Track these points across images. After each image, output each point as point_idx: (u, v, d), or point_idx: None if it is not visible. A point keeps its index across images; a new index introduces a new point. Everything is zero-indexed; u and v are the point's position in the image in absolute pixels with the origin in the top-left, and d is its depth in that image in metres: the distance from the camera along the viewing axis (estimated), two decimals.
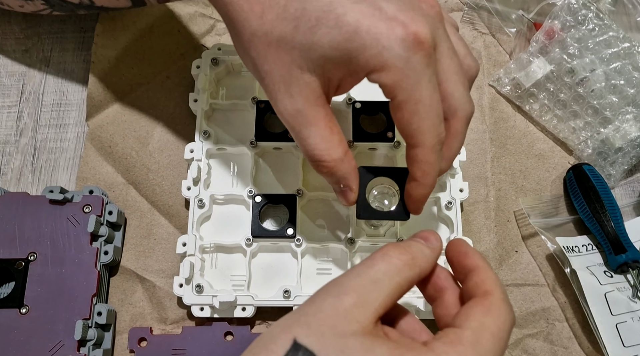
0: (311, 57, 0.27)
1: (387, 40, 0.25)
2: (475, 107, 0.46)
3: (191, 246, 0.39)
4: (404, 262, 0.24)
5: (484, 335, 0.23)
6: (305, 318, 0.23)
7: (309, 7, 0.26)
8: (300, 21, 0.26)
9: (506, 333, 0.24)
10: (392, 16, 0.25)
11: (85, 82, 0.47)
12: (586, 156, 0.45)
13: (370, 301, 0.23)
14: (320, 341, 0.22)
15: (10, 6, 0.44)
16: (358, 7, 0.25)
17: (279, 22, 0.27)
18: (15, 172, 0.45)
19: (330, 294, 0.23)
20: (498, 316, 0.24)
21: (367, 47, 0.25)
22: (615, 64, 0.44)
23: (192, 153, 0.41)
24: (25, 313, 0.38)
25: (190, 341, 0.39)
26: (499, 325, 0.23)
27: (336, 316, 0.22)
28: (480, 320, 0.23)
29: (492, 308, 0.24)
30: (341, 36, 0.26)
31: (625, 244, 0.40)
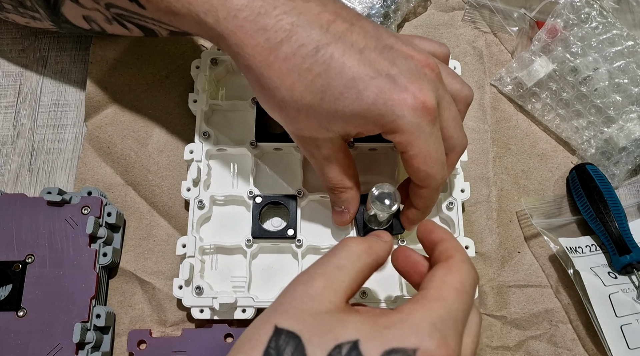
0: (336, 122, 0.32)
1: (401, 110, 0.30)
2: (476, 107, 0.47)
3: (191, 247, 0.39)
4: (362, 249, 0.28)
5: (447, 289, 0.26)
6: (282, 307, 0.26)
7: (333, 83, 0.30)
8: (326, 94, 0.30)
9: (469, 288, 0.27)
10: (403, 87, 0.30)
11: (83, 82, 0.47)
12: (589, 156, 0.44)
13: (338, 283, 0.26)
14: (299, 322, 0.24)
15: (16, 22, 0.44)
16: (375, 82, 0.30)
17: (307, 93, 0.31)
18: (12, 174, 0.45)
19: (301, 282, 0.27)
20: (459, 274, 0.27)
21: (384, 115, 0.30)
22: (619, 63, 0.44)
23: (191, 154, 0.41)
24: (22, 316, 0.37)
25: (190, 343, 0.38)
26: (461, 280, 0.27)
27: (309, 299, 0.25)
28: (442, 278, 0.27)
29: (453, 268, 0.27)
30: (361, 107, 0.30)
31: (630, 245, 0.40)
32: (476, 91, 0.47)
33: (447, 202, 0.40)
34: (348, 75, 0.30)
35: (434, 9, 0.50)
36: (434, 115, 0.30)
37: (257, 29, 0.31)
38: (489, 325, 0.41)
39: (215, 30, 0.32)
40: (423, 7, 0.50)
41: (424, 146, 0.31)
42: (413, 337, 0.24)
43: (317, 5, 0.31)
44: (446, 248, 0.29)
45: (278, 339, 0.24)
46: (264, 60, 0.31)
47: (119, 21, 0.37)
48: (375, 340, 0.24)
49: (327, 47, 0.30)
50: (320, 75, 0.30)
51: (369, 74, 0.30)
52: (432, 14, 0.50)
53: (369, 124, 0.31)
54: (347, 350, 0.23)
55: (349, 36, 0.31)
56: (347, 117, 0.31)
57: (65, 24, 0.40)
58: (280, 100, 0.32)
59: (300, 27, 0.30)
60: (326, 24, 0.31)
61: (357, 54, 0.30)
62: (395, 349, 0.23)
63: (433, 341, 0.24)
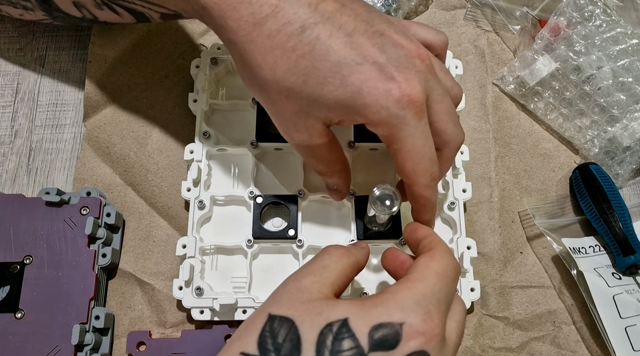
0: (317, 107, 0.30)
1: (385, 100, 0.29)
2: (478, 106, 0.46)
3: (191, 248, 0.38)
4: (342, 253, 0.30)
5: (429, 272, 0.27)
6: (274, 299, 0.27)
7: (318, 66, 0.29)
8: (309, 77, 0.29)
9: (451, 274, 0.28)
10: (390, 77, 0.29)
11: (82, 82, 0.47)
12: (593, 156, 0.44)
13: (324, 279, 0.28)
14: (291, 308, 0.26)
15: (10, 14, 0.43)
16: (361, 68, 0.29)
17: (289, 75, 0.30)
18: (10, 174, 0.44)
19: (291, 280, 0.28)
20: (441, 261, 0.28)
21: (368, 105, 0.29)
22: (623, 61, 0.44)
23: (192, 154, 0.41)
24: (20, 317, 0.37)
25: (190, 345, 0.38)
26: (443, 266, 0.28)
27: (299, 291, 0.27)
28: (425, 264, 0.28)
29: (435, 256, 0.29)
30: (345, 94, 0.29)
31: (634, 246, 0.40)
32: (478, 90, 0.47)
33: (449, 202, 0.40)
34: (333, 59, 0.29)
35: (436, 7, 0.50)
36: (420, 108, 0.29)
37: (242, 1, 0.30)
38: (492, 326, 0.40)
39: (199, 3, 0.31)
40: (424, 6, 0.50)
41: (408, 140, 0.30)
42: (399, 312, 0.25)
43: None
44: (429, 241, 0.31)
45: (272, 324, 0.26)
46: (247, 35, 0.30)
47: (109, 5, 0.36)
48: (364, 317, 0.25)
49: (314, 27, 0.29)
50: (305, 56, 0.29)
51: (355, 59, 0.29)
52: (434, 13, 0.50)
53: (351, 113, 0.30)
54: (338, 327, 0.25)
55: (338, 17, 0.30)
56: (329, 103, 0.30)
57: (57, 12, 0.39)
58: (262, 79, 0.31)
59: (288, 3, 0.29)
60: (315, 2, 0.30)
61: (345, 37, 0.29)
62: (383, 324, 0.25)
63: (418, 316, 0.25)
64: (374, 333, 0.25)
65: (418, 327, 0.25)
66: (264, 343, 0.25)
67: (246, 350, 0.25)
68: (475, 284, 0.39)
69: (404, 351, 0.25)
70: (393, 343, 0.25)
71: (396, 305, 0.26)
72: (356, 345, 0.25)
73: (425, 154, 0.31)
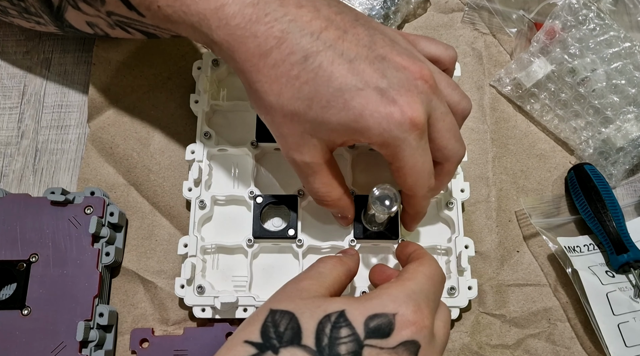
0: (321, 130, 0.32)
1: (387, 124, 0.30)
2: (476, 108, 0.47)
3: (192, 247, 0.39)
4: (335, 261, 0.32)
5: (418, 274, 0.30)
6: (274, 298, 0.29)
7: (321, 91, 0.30)
8: (313, 101, 0.31)
9: (437, 279, 0.30)
10: (392, 101, 0.30)
11: (86, 83, 0.47)
12: (587, 156, 0.44)
13: (321, 282, 0.30)
14: (292, 304, 0.28)
15: (22, 25, 0.44)
16: (363, 93, 0.30)
17: (294, 100, 0.31)
18: (16, 174, 0.45)
19: (290, 282, 0.31)
20: (429, 266, 0.31)
21: (370, 128, 0.30)
22: (617, 64, 0.44)
23: (193, 154, 0.41)
24: (27, 314, 0.38)
25: (192, 342, 0.39)
26: (431, 270, 0.30)
27: (299, 291, 0.29)
28: (414, 267, 0.30)
29: (423, 262, 0.31)
30: (348, 118, 0.30)
31: (627, 244, 0.40)
32: (475, 92, 0.48)
33: (447, 202, 0.41)
34: (335, 84, 0.30)
35: (434, 10, 0.50)
36: (422, 129, 0.30)
37: (248, 36, 0.31)
38: (489, 324, 0.41)
39: (209, 37, 0.32)
40: (422, 9, 0.50)
41: (410, 160, 0.31)
42: (392, 304, 0.27)
43: (309, 11, 0.31)
44: (417, 253, 0.33)
45: (274, 316, 0.27)
46: (254, 65, 0.31)
47: (121, 27, 0.38)
48: (359, 308, 0.27)
49: (316, 55, 0.30)
50: (308, 82, 0.30)
51: (357, 85, 0.30)
52: (432, 16, 0.50)
53: (355, 135, 0.31)
54: (335, 317, 0.27)
55: (340, 44, 0.30)
56: (333, 126, 0.31)
57: (69, 29, 0.40)
58: (267, 104, 0.32)
59: (291, 34, 0.30)
60: (317, 31, 0.30)
61: (347, 64, 0.30)
62: (378, 314, 0.27)
63: (409, 308, 0.27)
64: (369, 322, 0.27)
65: (410, 317, 0.27)
66: (267, 331, 0.27)
67: (250, 338, 0.27)
68: (473, 282, 0.39)
69: (397, 339, 0.26)
70: (387, 332, 0.26)
71: (389, 298, 0.28)
72: (353, 333, 0.26)
73: (424, 170, 0.32)
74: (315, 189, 0.35)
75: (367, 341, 0.26)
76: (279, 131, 0.33)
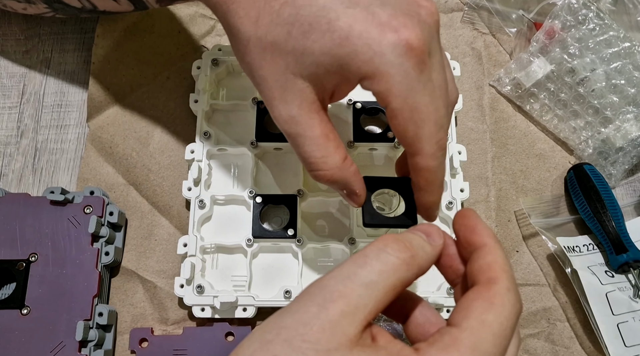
0: (304, 63, 0.26)
1: (379, 46, 0.25)
2: (475, 107, 0.47)
3: (192, 246, 0.39)
4: (402, 260, 0.22)
5: (484, 336, 0.21)
6: (286, 334, 0.20)
7: (302, 12, 0.26)
8: (294, 26, 0.26)
9: (510, 328, 0.21)
10: (385, 21, 0.25)
11: (86, 83, 0.47)
12: (587, 156, 0.44)
13: (360, 308, 0.21)
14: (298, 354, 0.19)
15: (14, 8, 0.44)
16: (351, 11, 0.25)
17: (272, 27, 0.27)
18: (16, 174, 0.45)
19: (315, 302, 0.21)
20: (502, 311, 0.21)
21: (359, 53, 0.25)
22: (616, 64, 0.44)
23: (192, 154, 0.41)
24: (26, 313, 0.38)
25: (192, 341, 0.39)
26: (502, 321, 0.21)
27: (321, 330, 0.20)
28: (480, 317, 0.21)
29: (495, 302, 0.21)
30: (332, 42, 0.25)
31: (627, 244, 0.40)
32: (475, 92, 0.48)
33: (447, 202, 0.41)
34: (319, 2, 0.25)
35: None
36: (422, 58, 0.25)
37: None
38: None
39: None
40: None
41: (408, 96, 0.25)
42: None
43: None
44: (489, 264, 0.23)
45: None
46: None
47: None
48: None
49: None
50: (288, 2, 0.26)
51: (344, 2, 0.25)
52: None
53: (342, 68, 0.26)
54: None
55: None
56: (316, 56, 0.26)
57: (58, 4, 0.39)
58: (245, 38, 0.28)
59: None
60: None
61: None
62: None
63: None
64: None
65: None
66: None
67: None
68: None
69: None
70: None
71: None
72: None
73: (430, 115, 0.26)
74: (307, 153, 0.28)
75: None
76: (259, 73, 0.28)
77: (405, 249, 0.22)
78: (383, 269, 0.21)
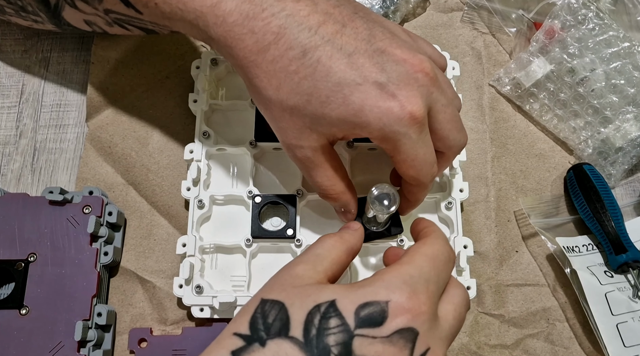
0: (321, 124, 0.31)
1: (387, 119, 0.30)
2: (475, 107, 0.47)
3: (191, 246, 0.39)
4: (334, 240, 0.31)
5: (418, 256, 0.28)
6: (267, 286, 0.28)
7: (320, 86, 0.30)
8: (312, 96, 0.31)
9: (442, 258, 0.29)
10: (391, 95, 0.30)
11: (85, 82, 0.47)
12: (587, 156, 0.44)
13: (317, 267, 0.29)
14: (283, 293, 0.27)
15: (19, 24, 0.44)
16: (362, 87, 0.30)
17: (293, 95, 0.31)
18: (15, 173, 0.45)
19: (284, 269, 0.29)
20: (432, 245, 0.29)
21: (370, 123, 0.30)
22: (616, 64, 0.44)
23: (191, 154, 0.41)
24: (25, 313, 0.38)
25: (191, 341, 0.39)
26: (433, 250, 0.29)
27: (292, 278, 0.28)
28: (415, 249, 0.29)
29: (427, 242, 0.29)
30: (347, 112, 0.30)
31: (626, 244, 0.40)
32: (475, 91, 0.48)
33: (446, 202, 0.41)
34: (334, 79, 0.30)
35: (433, 9, 0.50)
36: (422, 123, 0.30)
37: (246, 32, 0.31)
38: (487, 324, 0.41)
39: (207, 34, 0.32)
40: (422, 8, 0.50)
41: (411, 152, 0.31)
42: (385, 291, 0.26)
43: (307, 5, 0.31)
44: (425, 231, 0.31)
45: (264, 306, 0.27)
46: (252, 61, 0.31)
47: (119, 24, 0.37)
48: (350, 297, 0.26)
49: (314, 50, 0.30)
50: (307, 77, 0.30)
51: (356, 79, 0.30)
52: (431, 15, 0.50)
53: (355, 129, 0.31)
54: (325, 307, 0.26)
55: (339, 39, 0.30)
56: (332, 120, 0.31)
57: (67, 27, 0.40)
58: (266, 98, 0.32)
59: (289, 29, 0.30)
60: (315, 26, 0.30)
61: (345, 58, 0.30)
62: (369, 302, 0.26)
63: (403, 294, 0.26)
64: (360, 311, 0.26)
65: (404, 304, 0.26)
66: (255, 323, 0.26)
67: (239, 330, 0.26)
68: (472, 282, 0.39)
69: (391, 327, 0.25)
70: (380, 320, 0.25)
71: (383, 284, 0.26)
72: (342, 323, 0.25)
73: (426, 161, 0.32)
74: (318, 182, 0.35)
75: (357, 331, 0.25)
76: (279, 124, 0.33)
77: (334, 235, 0.32)
78: (324, 246, 0.30)
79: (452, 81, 0.43)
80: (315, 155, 0.33)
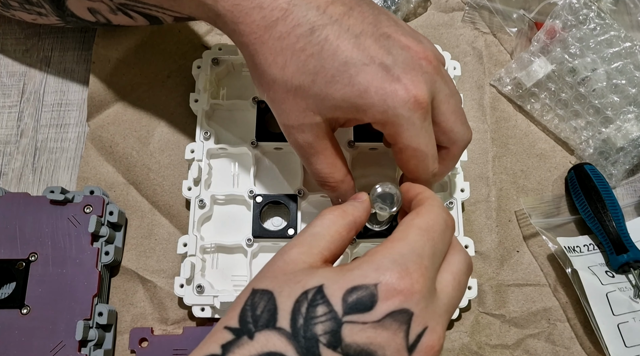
0: (324, 106, 0.31)
1: (392, 101, 0.29)
2: (476, 107, 0.47)
3: (192, 246, 0.39)
4: (336, 215, 0.29)
5: (411, 230, 0.27)
6: (259, 275, 0.27)
7: (326, 65, 0.30)
8: (318, 76, 0.30)
9: (438, 227, 0.27)
10: (396, 78, 0.30)
11: (86, 82, 0.47)
12: (588, 156, 0.44)
13: (313, 248, 0.27)
14: (272, 281, 0.26)
15: (23, 19, 0.44)
16: (369, 68, 0.30)
17: (298, 74, 0.30)
18: (16, 173, 0.45)
19: (278, 253, 0.28)
20: (427, 215, 0.27)
21: (375, 105, 0.30)
22: (617, 64, 0.44)
23: (192, 153, 0.41)
24: (26, 313, 0.38)
25: (192, 341, 0.39)
26: (428, 221, 0.27)
27: (285, 264, 0.27)
28: (407, 222, 0.27)
29: (420, 211, 0.28)
30: (352, 93, 0.30)
31: (627, 244, 0.40)
32: (476, 91, 0.48)
33: (447, 202, 0.41)
34: (341, 58, 0.30)
35: (434, 9, 0.50)
36: (426, 109, 0.30)
37: (254, 7, 0.31)
38: (488, 324, 0.41)
39: (213, 10, 0.32)
40: (423, 8, 0.50)
41: (413, 140, 0.31)
42: (373, 273, 0.25)
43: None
44: (419, 198, 0.30)
45: (254, 297, 0.26)
46: (259, 37, 0.31)
47: (123, 11, 0.37)
48: (338, 281, 0.25)
49: (322, 28, 0.30)
50: (313, 56, 0.30)
51: (362, 60, 0.30)
52: (432, 15, 0.50)
53: (358, 112, 0.31)
54: (313, 294, 0.25)
55: (346, 20, 0.30)
56: (337, 101, 0.30)
57: (71, 18, 0.40)
58: (270, 78, 0.31)
59: (297, 7, 0.30)
60: (324, 6, 0.30)
61: (353, 39, 0.30)
62: (357, 286, 0.25)
63: (393, 274, 0.25)
64: (347, 297, 0.24)
65: (395, 285, 0.24)
66: (245, 316, 0.25)
67: (229, 324, 0.26)
68: (473, 282, 0.39)
69: (381, 311, 0.24)
70: (369, 305, 0.24)
71: (371, 266, 0.25)
72: (330, 310, 0.24)
73: (428, 152, 0.31)
74: (318, 170, 0.34)
75: (346, 318, 0.24)
76: (281, 107, 0.32)
77: (336, 209, 0.29)
78: (322, 223, 0.28)
79: (453, 81, 0.43)
80: (316, 140, 0.33)
